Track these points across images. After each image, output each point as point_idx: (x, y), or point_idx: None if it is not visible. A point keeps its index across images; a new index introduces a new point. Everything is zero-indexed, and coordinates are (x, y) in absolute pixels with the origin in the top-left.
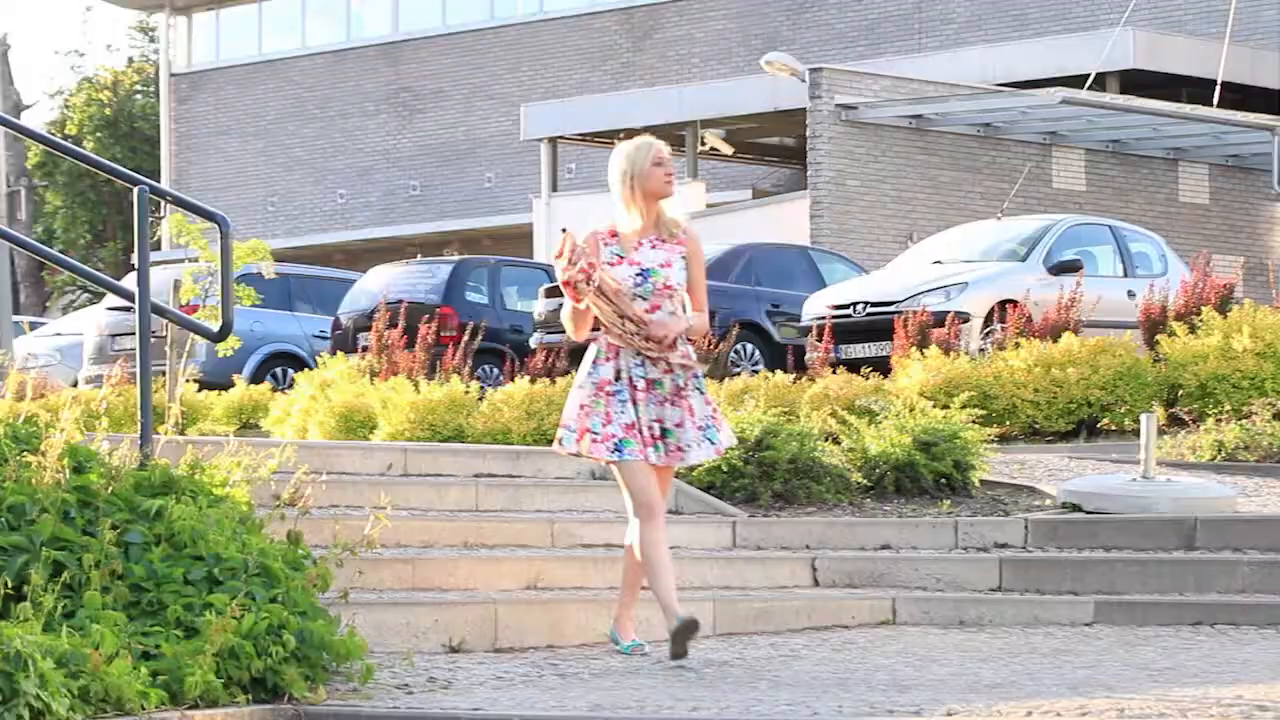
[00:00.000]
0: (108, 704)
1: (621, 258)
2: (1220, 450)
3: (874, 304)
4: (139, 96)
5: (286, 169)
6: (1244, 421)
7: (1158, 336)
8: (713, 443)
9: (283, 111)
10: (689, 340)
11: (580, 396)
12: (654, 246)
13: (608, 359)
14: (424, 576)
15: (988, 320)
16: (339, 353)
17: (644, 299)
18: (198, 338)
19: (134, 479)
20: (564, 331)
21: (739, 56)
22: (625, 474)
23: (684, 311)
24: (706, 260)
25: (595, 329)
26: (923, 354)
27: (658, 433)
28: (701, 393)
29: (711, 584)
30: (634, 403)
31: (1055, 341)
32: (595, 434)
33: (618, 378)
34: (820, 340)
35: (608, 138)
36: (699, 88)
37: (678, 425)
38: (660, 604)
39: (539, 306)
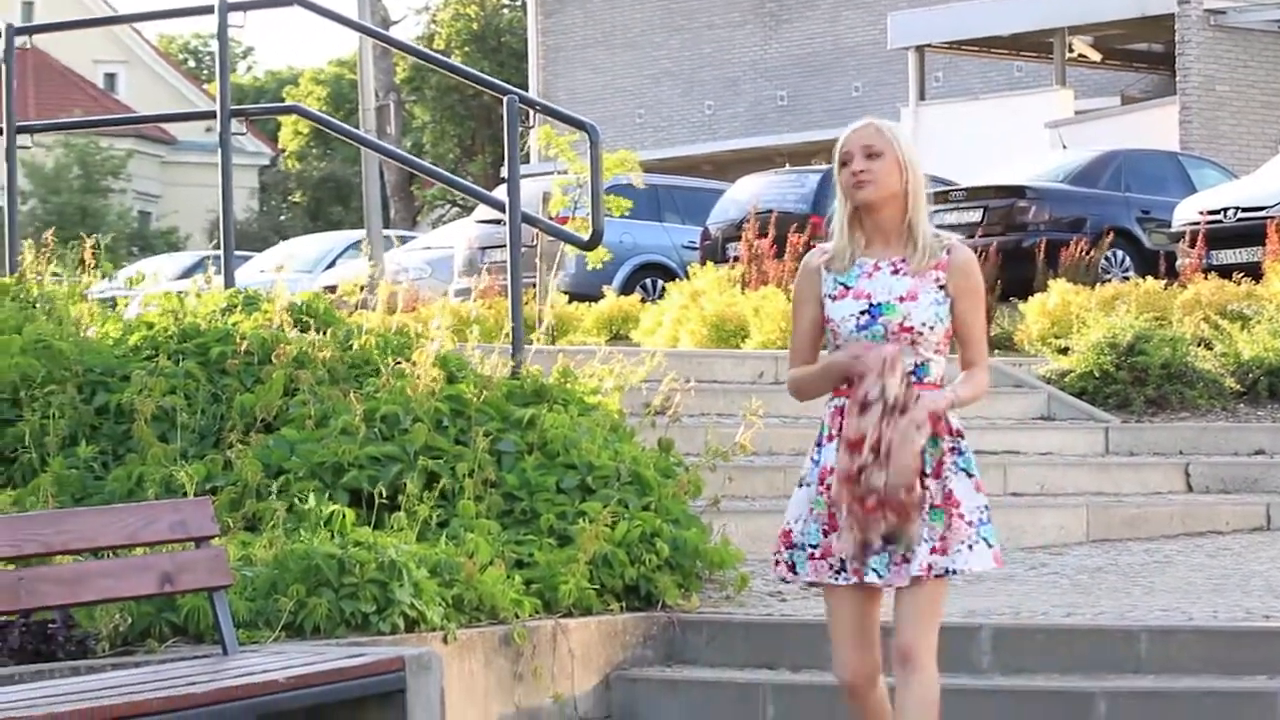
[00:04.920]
0: (481, 612)
1: (846, 288)
2: None
3: (1245, 209)
4: (506, 10)
5: (654, 81)
6: None
7: None
8: (989, 544)
9: (650, 23)
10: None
11: (806, 497)
12: (896, 271)
13: (830, 436)
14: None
15: None
16: (708, 262)
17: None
18: (567, 249)
19: (506, 388)
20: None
21: None
22: (832, 606)
23: (930, 360)
24: (1075, 168)
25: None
26: None
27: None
28: (970, 474)
29: (1085, 490)
30: None
31: None
32: (815, 548)
33: None
34: (1192, 246)
35: (974, 46)
36: None
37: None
38: None
39: None
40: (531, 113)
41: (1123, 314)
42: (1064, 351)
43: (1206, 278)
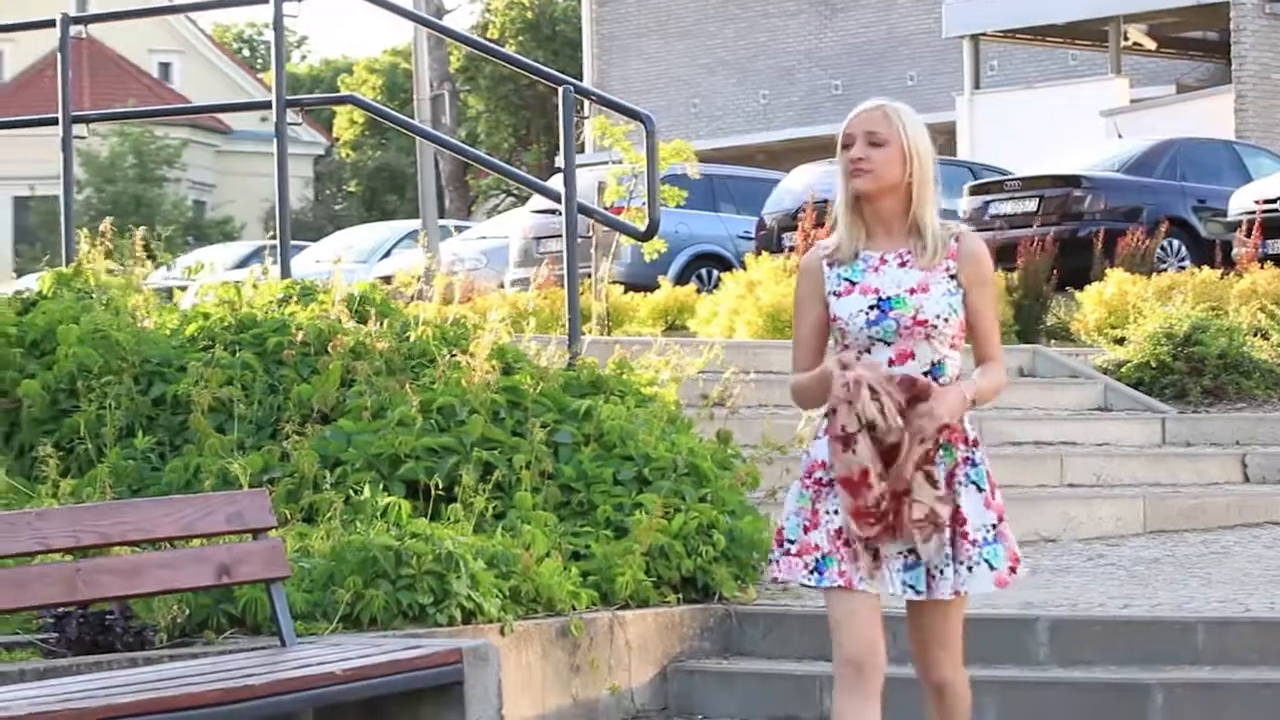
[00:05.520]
0: (538, 604)
1: (851, 284)
2: None
3: None
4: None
5: (709, 70)
6: None
7: None
8: (991, 566)
9: (704, 12)
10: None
11: (794, 492)
12: (903, 264)
13: (829, 430)
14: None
15: None
16: (764, 252)
17: (884, 343)
18: (623, 239)
19: (562, 379)
20: (991, 229)
21: None
22: (828, 606)
23: (946, 358)
24: (1131, 157)
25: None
26: None
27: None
28: (981, 489)
29: (1141, 480)
30: None
31: None
32: (791, 544)
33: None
34: (1248, 235)
35: (1029, 34)
36: None
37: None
38: None
39: (964, 204)
40: (587, 103)
41: (1179, 304)
42: (1120, 342)
43: (1263, 267)
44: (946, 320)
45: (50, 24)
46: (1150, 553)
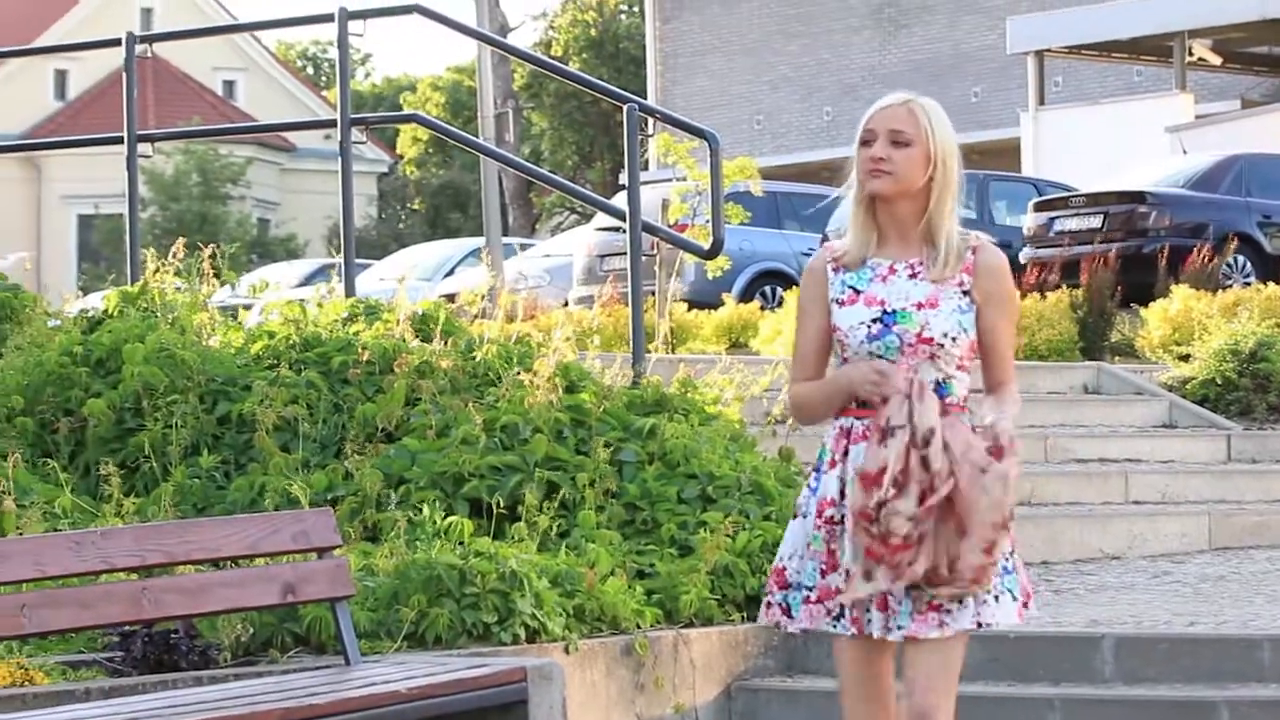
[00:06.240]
0: (602, 622)
1: (856, 293)
2: None
3: None
4: (624, 16)
5: (772, 87)
6: None
7: None
8: (1014, 597)
9: (767, 29)
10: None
11: (803, 529)
12: (914, 275)
13: (833, 462)
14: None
15: None
16: None
17: (886, 360)
18: (686, 257)
19: (626, 397)
20: (1056, 246)
21: None
22: (835, 656)
23: (952, 378)
24: (1196, 173)
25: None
26: None
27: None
28: (1015, 597)
29: (1206, 498)
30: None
31: None
32: (810, 590)
33: (843, 494)
34: None
35: (1094, 50)
36: None
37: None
38: None
39: (1029, 221)
40: (651, 120)
41: (1244, 320)
42: (1185, 359)
43: None
44: (954, 340)
45: (116, 43)
46: (1216, 570)
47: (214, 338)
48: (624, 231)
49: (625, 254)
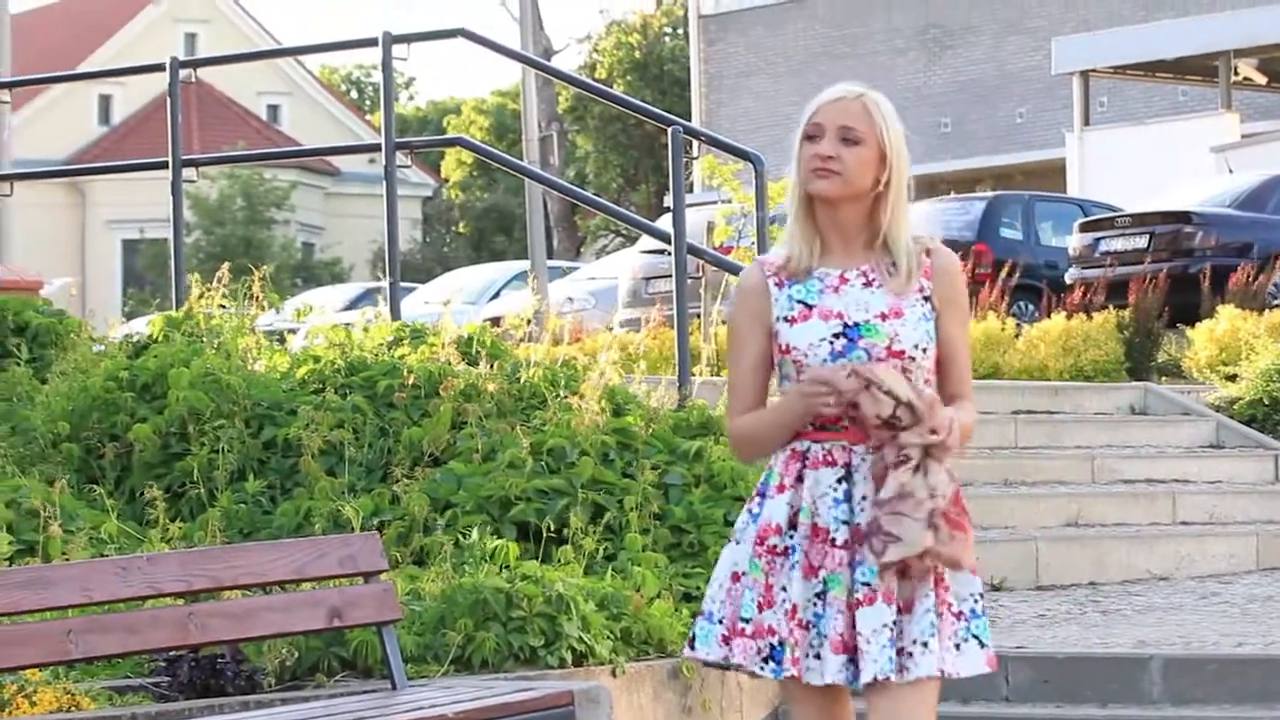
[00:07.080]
0: (649, 646)
1: (808, 307)
2: None
3: None
4: (667, 39)
5: None
6: None
7: None
8: (982, 643)
9: (812, 50)
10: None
11: (732, 557)
12: (868, 284)
13: (781, 487)
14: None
15: None
16: None
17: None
18: (732, 280)
19: (672, 420)
20: (1101, 266)
21: None
22: (785, 700)
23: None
24: (1242, 192)
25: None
26: None
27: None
28: (984, 644)
29: (1254, 518)
30: (812, 571)
31: None
32: (746, 623)
33: (793, 524)
34: None
35: (1139, 70)
36: (1231, 16)
37: (904, 611)
38: None
39: (1074, 241)
40: (695, 142)
41: None
42: (1232, 379)
43: None
44: (925, 350)
45: (160, 68)
46: (1264, 590)
47: (259, 362)
48: (669, 254)
49: (670, 277)
